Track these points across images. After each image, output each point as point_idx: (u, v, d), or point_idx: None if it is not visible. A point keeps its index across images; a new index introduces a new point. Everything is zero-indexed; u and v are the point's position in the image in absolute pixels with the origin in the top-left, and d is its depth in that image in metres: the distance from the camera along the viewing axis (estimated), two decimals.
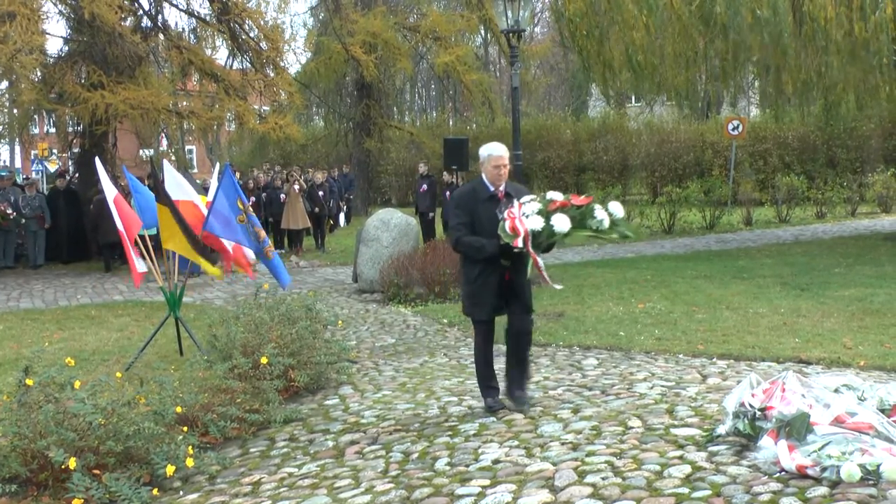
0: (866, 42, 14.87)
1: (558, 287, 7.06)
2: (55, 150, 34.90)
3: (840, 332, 9.25)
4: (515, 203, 6.47)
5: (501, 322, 6.87)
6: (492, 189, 6.65)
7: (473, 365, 7.07)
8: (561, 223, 6.29)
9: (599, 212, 6.44)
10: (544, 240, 6.34)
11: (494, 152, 6.68)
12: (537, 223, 6.24)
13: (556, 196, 6.53)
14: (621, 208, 6.64)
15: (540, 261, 6.32)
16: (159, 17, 22.89)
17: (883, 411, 4.98)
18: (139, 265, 9.40)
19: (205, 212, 9.36)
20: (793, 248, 17.57)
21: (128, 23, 21.16)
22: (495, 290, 6.64)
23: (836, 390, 5.27)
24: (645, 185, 33.65)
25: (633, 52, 16.65)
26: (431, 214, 19.79)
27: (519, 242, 6.18)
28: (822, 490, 4.49)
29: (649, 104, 25.63)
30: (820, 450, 4.70)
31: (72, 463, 5.30)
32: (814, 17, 14.83)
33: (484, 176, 6.72)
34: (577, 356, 8.85)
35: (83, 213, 20.24)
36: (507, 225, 6.28)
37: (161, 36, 22.81)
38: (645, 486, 4.82)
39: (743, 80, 21.27)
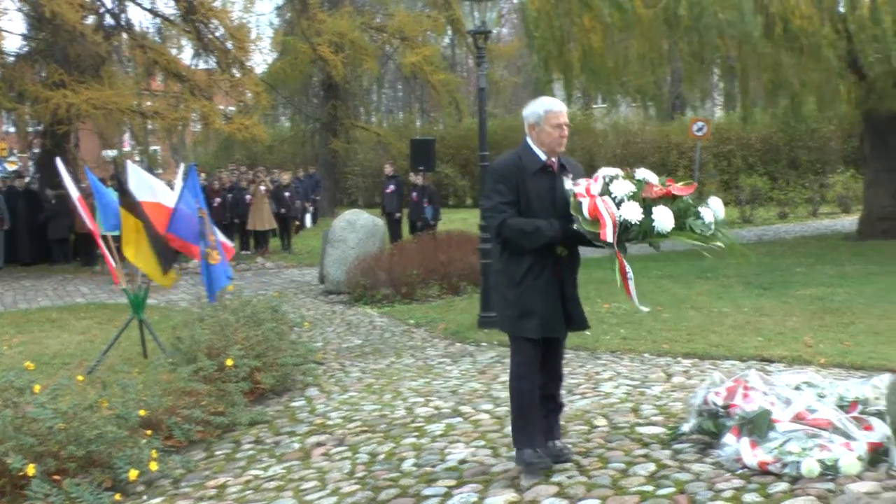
0: (830, 44, 15.05)
1: (644, 310, 5.41)
2: (15, 150, 34.50)
3: (801, 330, 9.35)
4: (584, 179, 5.02)
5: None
6: (543, 158, 5.04)
7: (440, 365, 6.98)
8: (664, 219, 4.80)
9: (707, 211, 5.00)
10: (636, 238, 4.86)
11: (554, 107, 5.04)
12: (634, 213, 4.78)
13: (650, 177, 4.98)
14: (722, 207, 5.17)
15: (627, 266, 4.86)
16: (123, 15, 22.70)
17: (842, 408, 5.05)
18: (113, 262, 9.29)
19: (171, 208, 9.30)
20: (756, 248, 17.73)
21: (90, 21, 20.95)
22: (552, 294, 5.03)
23: (797, 388, 5.33)
24: None
25: (591, 55, 16.74)
26: (398, 215, 19.77)
27: (608, 235, 4.72)
28: (783, 486, 4.55)
29: (613, 106, 25.65)
30: (781, 446, 4.76)
31: (30, 469, 5.20)
32: (781, 17, 14.98)
33: (531, 142, 5.08)
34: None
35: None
36: (586, 206, 4.79)
37: (125, 35, 22.61)
38: (610, 485, 4.85)
39: (707, 82, 21.46)
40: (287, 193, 22.02)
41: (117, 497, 5.48)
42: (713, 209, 5.03)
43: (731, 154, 30.62)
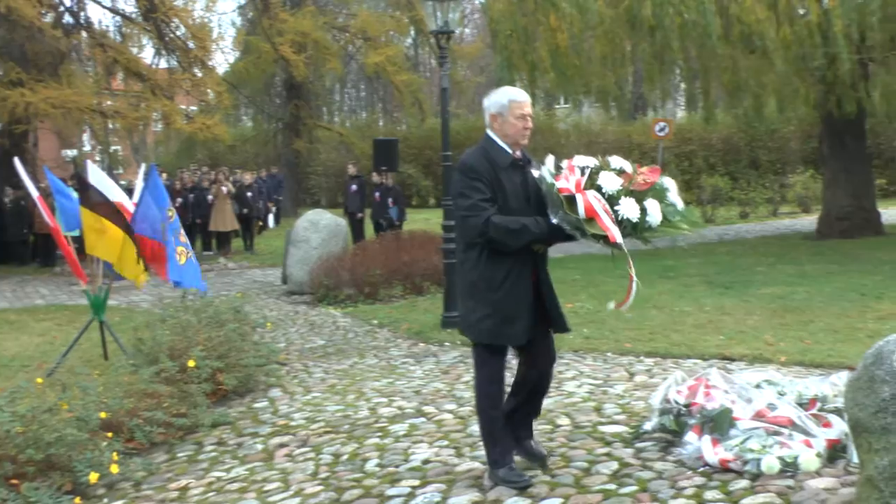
0: (789, 46, 15.23)
1: (619, 308, 5.14)
2: None
3: (762, 329, 9.46)
4: (563, 167, 4.73)
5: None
6: (510, 151, 4.78)
7: (403, 365, 6.95)
8: (655, 212, 4.63)
9: (673, 194, 4.80)
10: (629, 234, 4.67)
11: (518, 97, 4.82)
12: (633, 210, 4.56)
13: (625, 166, 4.76)
14: (675, 185, 4.93)
15: (633, 267, 4.67)
16: (82, 13, 22.43)
17: (801, 405, 5.11)
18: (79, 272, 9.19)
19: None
20: (717, 248, 17.90)
21: (48, 18, 20.68)
22: (531, 296, 4.80)
23: (758, 386, 5.39)
24: None
25: (557, 55, 16.82)
26: (360, 215, 19.75)
27: (617, 236, 4.50)
28: (744, 483, 4.60)
29: (576, 106, 25.81)
30: (742, 444, 4.81)
31: None
32: (740, 19, 15.14)
33: (494, 135, 4.80)
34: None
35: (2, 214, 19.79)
36: (581, 204, 4.49)
37: (84, 33, 22.35)
38: (573, 484, 4.87)
39: (669, 83, 21.66)
40: (249, 194, 21.90)
41: (77, 501, 5.41)
42: (672, 190, 4.83)
43: (693, 154, 30.93)
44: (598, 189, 4.56)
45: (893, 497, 3.48)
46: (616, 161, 4.76)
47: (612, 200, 4.55)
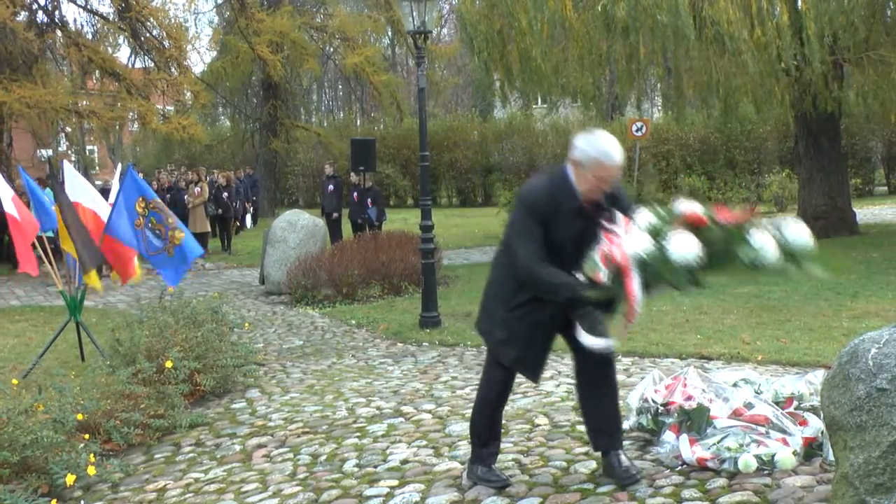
0: (764, 46, 15.34)
1: (615, 341, 4.78)
2: None
3: (739, 328, 9.51)
4: (621, 218, 4.38)
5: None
6: (579, 197, 4.46)
7: (381, 366, 6.94)
8: (682, 247, 4.11)
9: (759, 236, 4.20)
10: (653, 277, 4.18)
11: (607, 161, 4.37)
12: (640, 243, 4.16)
13: (691, 207, 4.32)
14: (806, 232, 4.33)
15: (637, 295, 4.20)
16: (56, 13, 22.27)
17: (778, 403, 5.14)
18: (30, 263, 9.10)
19: (105, 218, 9.17)
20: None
21: (21, 18, 20.52)
22: (541, 333, 4.70)
23: (735, 384, 5.42)
24: None
25: (528, 59, 16.85)
26: (337, 215, 19.71)
27: (602, 276, 4.20)
28: (721, 481, 4.62)
29: (553, 107, 25.88)
30: (719, 442, 4.84)
31: None
32: (714, 21, 15.22)
33: (572, 175, 4.47)
34: (485, 355, 8.87)
35: None
36: (598, 255, 4.24)
37: (59, 33, 22.19)
38: (551, 483, 4.89)
39: (645, 83, 21.75)
40: (225, 194, 21.80)
41: (54, 503, 5.38)
42: (787, 236, 4.26)
43: (670, 154, 31.08)
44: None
45: (868, 494, 3.52)
46: (682, 205, 4.35)
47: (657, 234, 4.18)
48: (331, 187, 20.15)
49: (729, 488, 4.54)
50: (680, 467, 4.86)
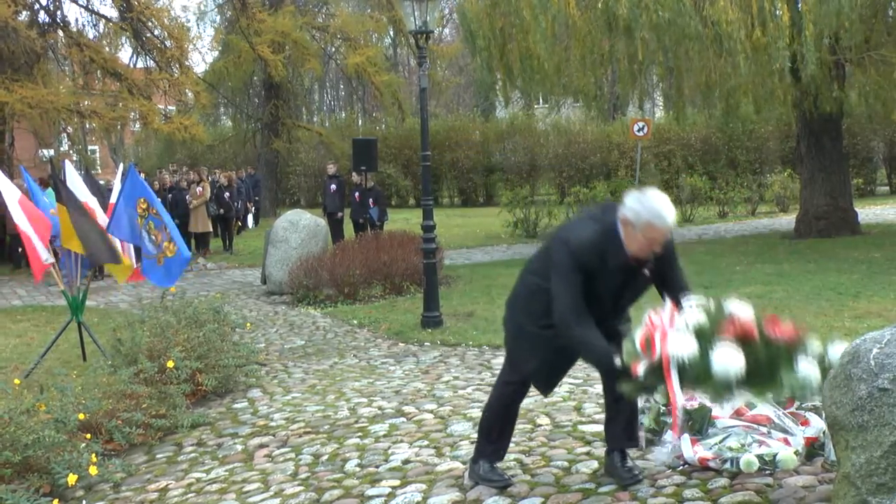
0: (765, 47, 15.32)
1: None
2: None
3: None
4: (667, 302, 4.44)
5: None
6: (629, 254, 4.43)
7: (383, 365, 6.93)
8: (726, 361, 3.98)
9: (806, 365, 4.08)
10: (689, 381, 4.09)
11: (658, 223, 4.32)
12: (686, 346, 4.06)
13: (742, 311, 4.28)
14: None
15: (678, 397, 4.08)
16: (58, 12, 22.28)
17: (780, 403, 5.14)
18: (43, 255, 9.09)
19: (103, 219, 9.17)
20: (696, 247, 17.96)
21: (23, 17, 20.53)
22: (564, 356, 4.72)
23: None
24: (553, 185, 34.12)
25: (530, 58, 16.84)
26: (340, 215, 19.69)
27: (639, 369, 4.14)
28: (723, 481, 4.62)
29: (555, 107, 25.87)
30: (721, 442, 4.84)
31: None
32: (715, 20, 15.21)
33: (623, 234, 4.39)
34: (487, 355, 8.90)
35: None
36: (638, 340, 4.25)
37: (60, 33, 22.20)
38: (553, 483, 4.89)
39: (647, 83, 21.72)
40: (227, 194, 21.80)
41: (55, 503, 5.39)
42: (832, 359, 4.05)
43: (672, 154, 31.08)
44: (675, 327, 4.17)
45: (870, 494, 3.52)
46: (732, 305, 4.35)
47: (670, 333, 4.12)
48: (333, 187, 20.14)
49: (731, 488, 4.54)
50: (681, 467, 4.86)
